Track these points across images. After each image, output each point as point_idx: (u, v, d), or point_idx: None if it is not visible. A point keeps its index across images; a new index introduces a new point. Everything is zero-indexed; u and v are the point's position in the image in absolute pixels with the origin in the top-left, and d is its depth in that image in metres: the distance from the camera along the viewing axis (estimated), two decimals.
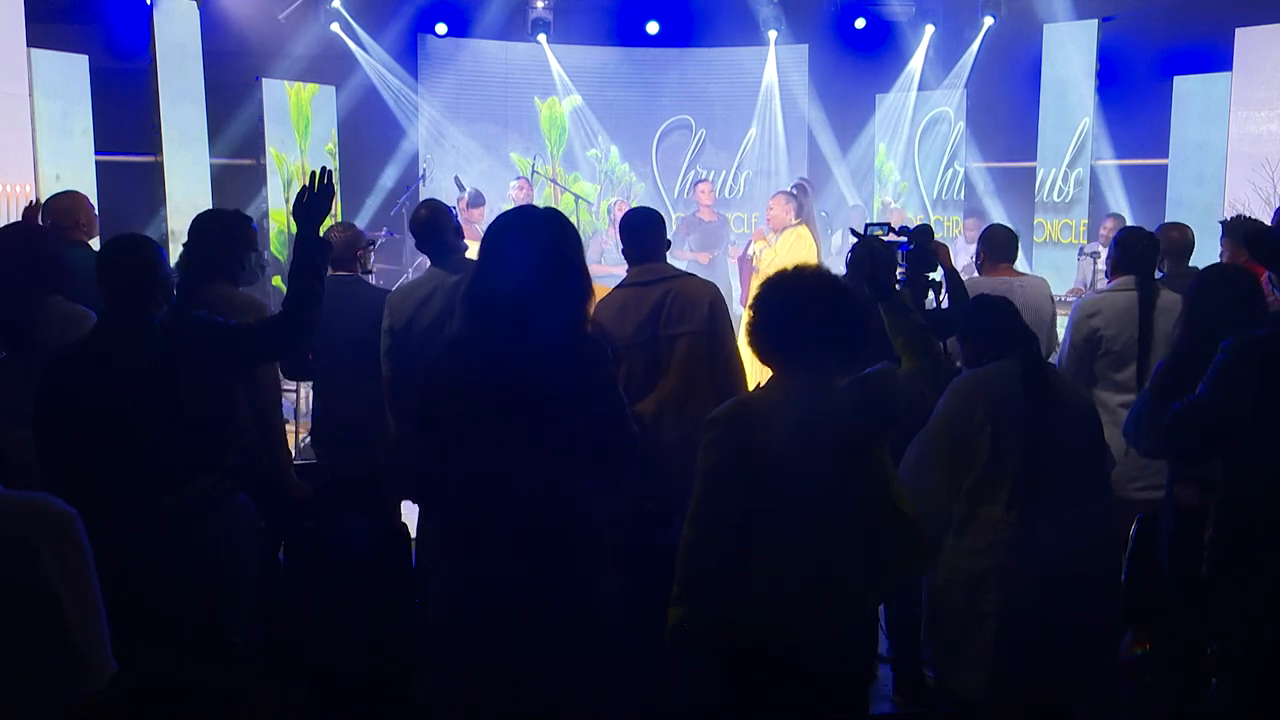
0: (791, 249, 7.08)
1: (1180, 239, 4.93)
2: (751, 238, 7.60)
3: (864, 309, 2.65)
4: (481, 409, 2.43)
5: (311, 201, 3.17)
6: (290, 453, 4.01)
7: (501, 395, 2.42)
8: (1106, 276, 4.33)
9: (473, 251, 6.08)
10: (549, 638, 2.42)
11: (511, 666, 2.43)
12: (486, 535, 2.46)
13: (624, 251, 4.07)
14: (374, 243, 5.16)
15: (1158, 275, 4.34)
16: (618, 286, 4.07)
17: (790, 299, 2.59)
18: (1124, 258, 4.16)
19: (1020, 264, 5.20)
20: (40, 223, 4.52)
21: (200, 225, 3.83)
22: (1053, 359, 4.74)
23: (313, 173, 3.23)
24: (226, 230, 3.80)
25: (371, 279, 4.76)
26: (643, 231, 4.02)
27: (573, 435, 2.45)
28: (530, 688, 2.43)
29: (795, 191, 7.79)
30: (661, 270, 4.01)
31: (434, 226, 4.24)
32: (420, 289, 4.11)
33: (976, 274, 5.02)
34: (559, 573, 2.44)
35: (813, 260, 6.98)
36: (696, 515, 2.53)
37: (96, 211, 4.63)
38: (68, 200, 4.63)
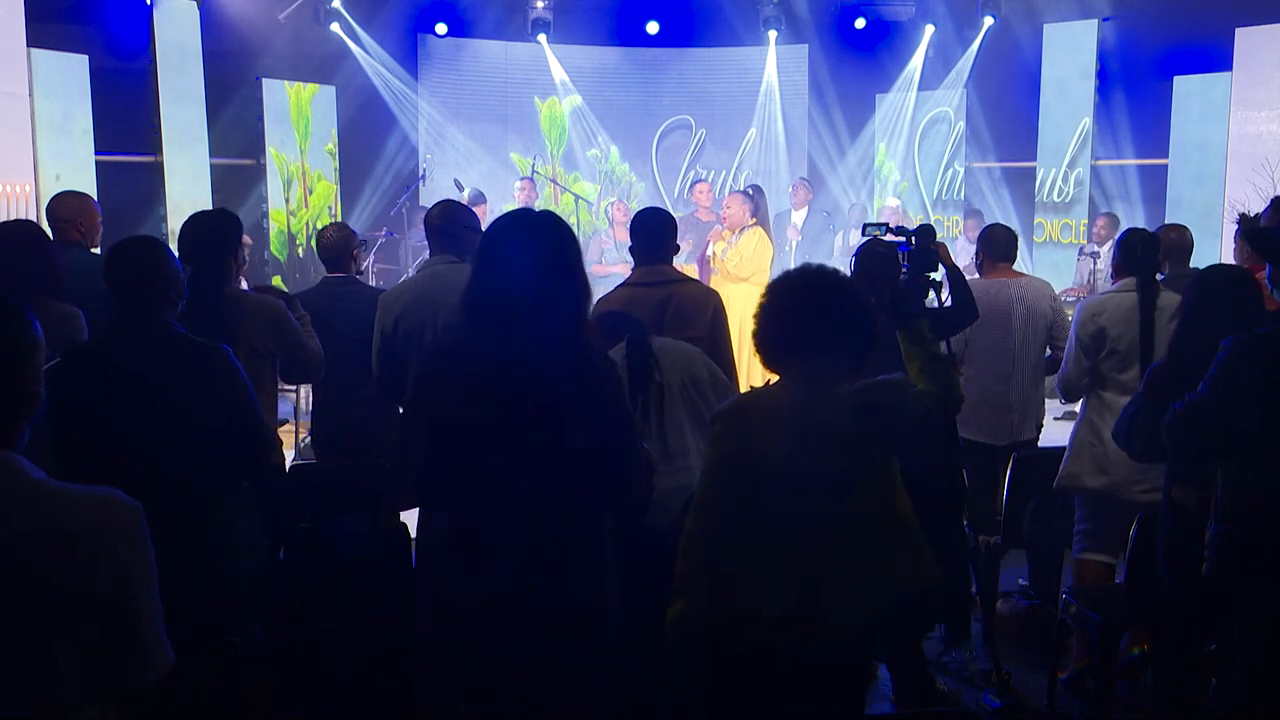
0: (756, 249, 7.10)
1: (1179, 240, 4.93)
2: (709, 238, 7.52)
3: (869, 309, 2.64)
4: (479, 411, 2.41)
5: None
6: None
7: (499, 397, 2.40)
8: (1111, 278, 4.32)
9: None
10: (546, 644, 2.40)
11: (507, 674, 2.41)
12: (483, 540, 2.44)
13: (631, 250, 4.08)
14: (365, 242, 5.14)
15: (1158, 277, 4.34)
16: (620, 285, 4.07)
17: (795, 300, 2.57)
18: (1126, 259, 4.15)
19: (1020, 264, 5.20)
20: (49, 220, 4.51)
21: (198, 228, 3.78)
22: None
23: None
24: (223, 231, 3.78)
25: (367, 278, 4.74)
26: (653, 233, 4.03)
27: (573, 440, 2.41)
28: (525, 696, 2.41)
29: (751, 192, 7.80)
30: (666, 273, 4.01)
31: (447, 223, 4.13)
32: (414, 289, 4.05)
33: (977, 275, 5.01)
34: (556, 579, 2.42)
35: (768, 260, 7.06)
36: (700, 508, 2.52)
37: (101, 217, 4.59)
38: (74, 202, 4.60)
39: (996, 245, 4.92)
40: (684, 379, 3.10)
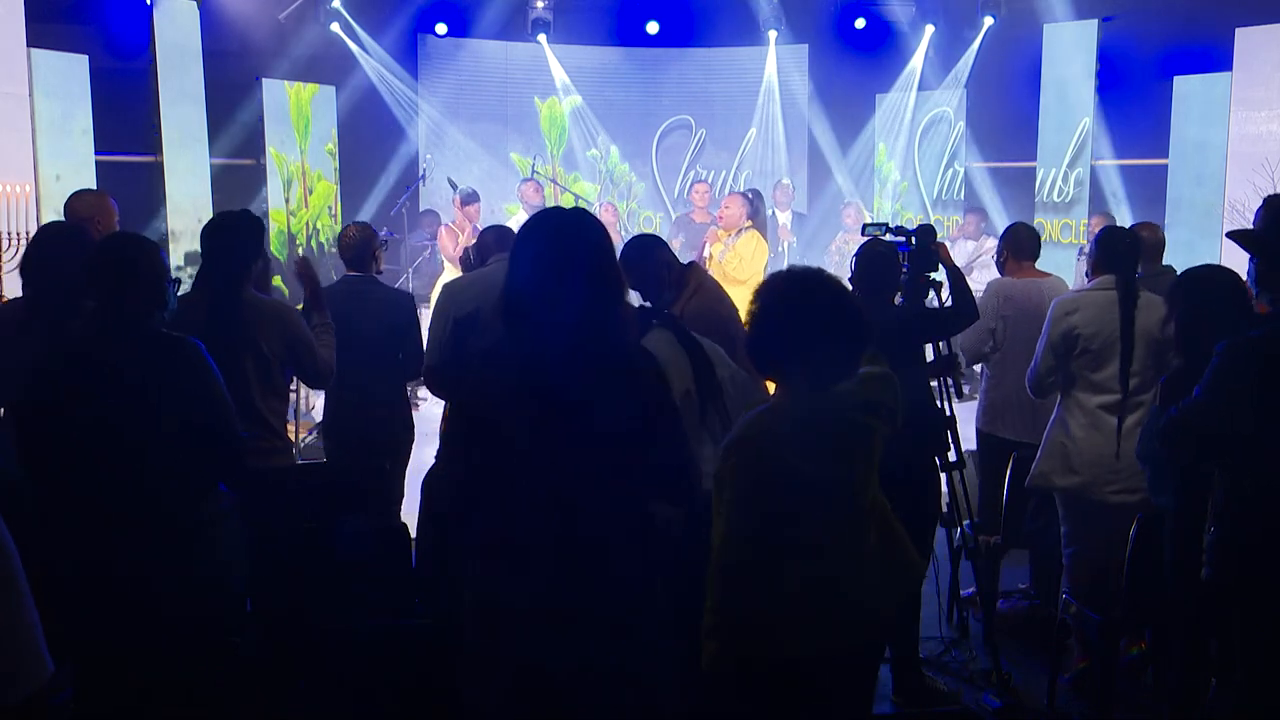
0: (755, 252, 7.13)
1: (1152, 238, 4.95)
2: (705, 239, 7.51)
3: (859, 308, 2.62)
4: (520, 415, 2.39)
5: None
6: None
7: (539, 400, 2.38)
8: (1087, 275, 4.29)
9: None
10: (589, 646, 2.37)
11: (552, 675, 2.39)
12: (518, 541, 2.42)
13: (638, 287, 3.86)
14: (386, 243, 5.14)
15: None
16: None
17: (787, 302, 2.55)
18: (1105, 256, 4.09)
19: None
20: (66, 217, 4.49)
21: (218, 229, 3.77)
22: None
23: None
24: (242, 232, 3.75)
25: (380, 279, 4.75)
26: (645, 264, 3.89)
27: (602, 437, 2.38)
28: (571, 697, 2.39)
29: (751, 195, 7.84)
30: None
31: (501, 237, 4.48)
32: (485, 280, 4.09)
33: (999, 274, 5.01)
34: (595, 581, 2.38)
35: (764, 263, 7.07)
36: (726, 544, 2.45)
37: (118, 215, 4.57)
38: (91, 199, 4.57)
39: (1021, 244, 4.92)
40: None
